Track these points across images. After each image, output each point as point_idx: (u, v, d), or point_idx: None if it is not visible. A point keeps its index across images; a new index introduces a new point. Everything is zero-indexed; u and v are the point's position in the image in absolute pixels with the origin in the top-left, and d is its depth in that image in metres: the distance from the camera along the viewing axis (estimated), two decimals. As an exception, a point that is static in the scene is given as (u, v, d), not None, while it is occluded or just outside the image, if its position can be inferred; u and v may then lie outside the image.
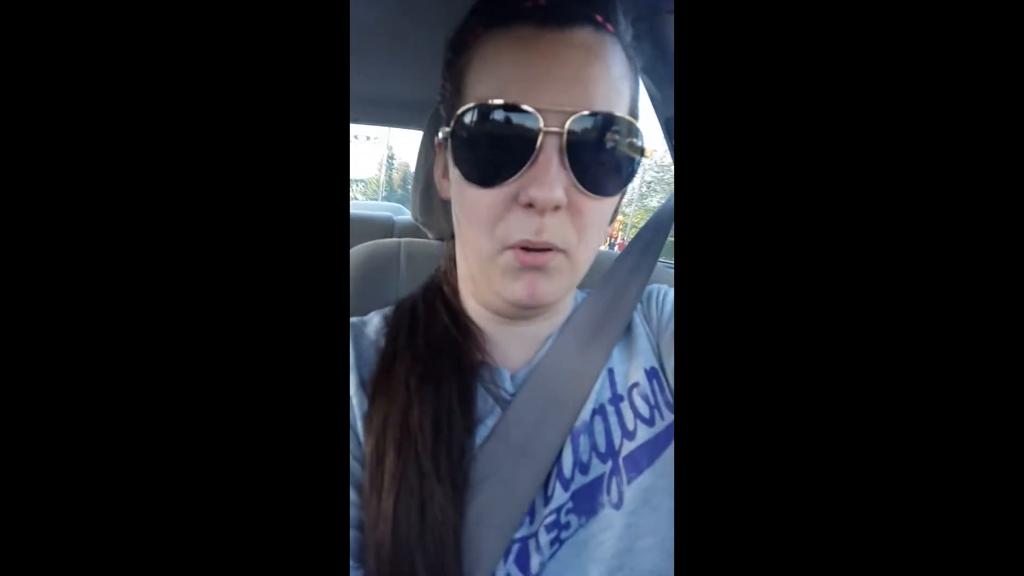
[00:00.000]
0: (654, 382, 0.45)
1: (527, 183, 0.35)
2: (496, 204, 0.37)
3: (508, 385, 0.43)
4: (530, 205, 0.35)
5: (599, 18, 0.37)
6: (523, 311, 0.41)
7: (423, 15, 0.72)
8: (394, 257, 0.65)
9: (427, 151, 0.60)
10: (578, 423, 0.41)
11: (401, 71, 1.04)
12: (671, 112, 0.76)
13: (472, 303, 0.45)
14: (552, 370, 0.43)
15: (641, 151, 0.38)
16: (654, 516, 0.40)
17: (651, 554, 0.39)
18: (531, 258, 0.37)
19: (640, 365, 0.45)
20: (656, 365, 0.46)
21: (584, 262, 0.40)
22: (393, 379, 0.40)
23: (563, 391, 0.42)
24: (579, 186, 0.36)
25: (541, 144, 0.35)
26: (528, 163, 0.35)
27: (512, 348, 0.45)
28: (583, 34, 0.36)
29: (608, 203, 0.38)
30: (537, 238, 0.36)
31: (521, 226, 0.36)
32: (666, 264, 0.66)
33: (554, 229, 0.36)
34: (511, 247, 0.37)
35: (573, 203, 0.36)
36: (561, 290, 0.40)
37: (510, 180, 0.36)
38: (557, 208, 0.36)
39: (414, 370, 0.40)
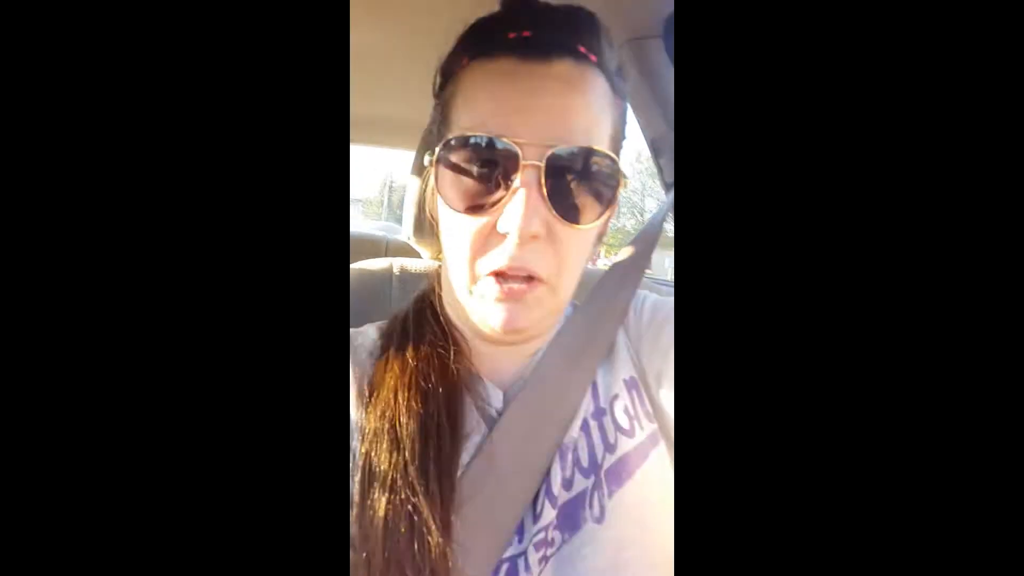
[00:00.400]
0: (633, 392, 0.45)
1: (505, 213, 0.36)
2: (475, 232, 0.37)
3: (497, 402, 0.43)
4: (508, 234, 0.36)
5: (582, 49, 0.38)
6: (505, 337, 0.41)
7: (423, 38, 0.74)
8: (387, 276, 0.66)
9: (419, 171, 0.61)
10: (566, 439, 0.41)
11: (400, 92, 1.06)
12: (658, 133, 0.77)
13: (458, 321, 0.46)
14: (540, 387, 0.43)
15: (619, 181, 0.39)
16: (635, 528, 0.39)
17: (634, 566, 0.38)
18: (509, 289, 0.37)
19: (620, 376, 0.45)
20: (635, 374, 0.46)
21: (566, 290, 0.41)
22: (384, 389, 0.41)
23: (552, 408, 0.42)
24: (558, 216, 0.36)
25: (520, 176, 0.35)
26: (507, 194, 0.36)
27: (501, 363, 0.45)
28: (564, 66, 0.37)
29: (588, 231, 0.39)
30: (514, 264, 0.37)
31: (499, 253, 0.37)
32: (651, 279, 0.66)
33: (532, 257, 0.37)
34: (488, 274, 0.38)
35: (552, 233, 0.37)
36: (541, 319, 0.40)
37: (489, 209, 0.37)
38: (535, 237, 0.36)
39: (403, 380, 0.41)
